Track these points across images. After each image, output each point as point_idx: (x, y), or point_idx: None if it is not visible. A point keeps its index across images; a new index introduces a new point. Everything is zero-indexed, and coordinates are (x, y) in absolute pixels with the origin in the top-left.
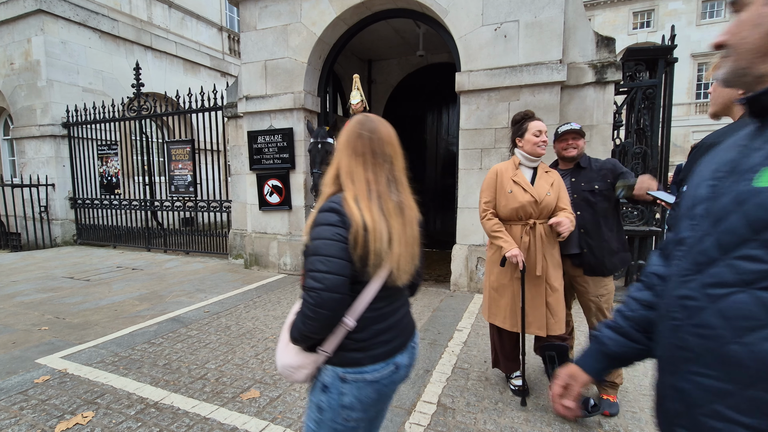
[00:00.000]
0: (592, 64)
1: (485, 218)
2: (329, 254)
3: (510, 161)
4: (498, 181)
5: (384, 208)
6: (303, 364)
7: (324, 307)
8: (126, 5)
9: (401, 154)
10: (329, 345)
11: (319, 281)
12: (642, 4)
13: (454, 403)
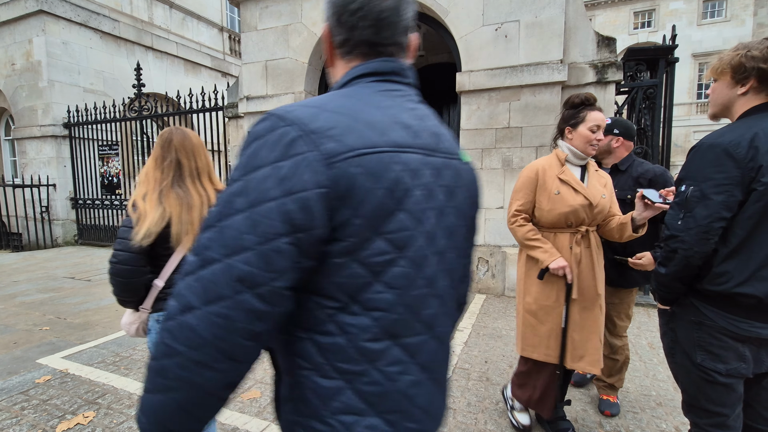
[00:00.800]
0: (593, 64)
1: (515, 224)
2: (121, 236)
3: (553, 156)
4: (539, 180)
5: (164, 199)
6: (132, 320)
7: (118, 275)
8: (127, 6)
9: (199, 156)
10: (147, 303)
11: (114, 257)
12: (643, 4)
13: (455, 403)
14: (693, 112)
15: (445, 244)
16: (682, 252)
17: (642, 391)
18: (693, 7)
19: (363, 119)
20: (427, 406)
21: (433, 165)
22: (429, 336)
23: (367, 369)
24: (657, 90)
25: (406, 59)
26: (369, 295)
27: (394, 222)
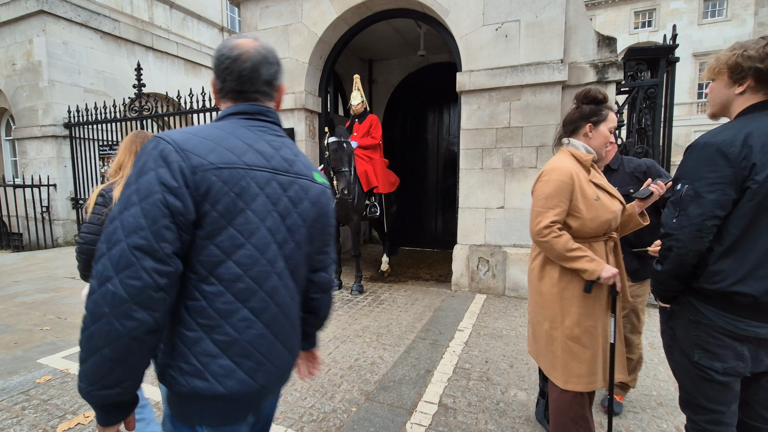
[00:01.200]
0: (594, 63)
1: (551, 236)
2: (89, 221)
3: (570, 157)
4: (576, 185)
5: None
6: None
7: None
8: (127, 6)
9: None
10: None
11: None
12: (643, 4)
13: (456, 403)
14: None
15: (285, 236)
16: (676, 250)
17: (643, 391)
18: (693, 7)
19: (224, 145)
20: (268, 354)
21: (281, 181)
22: (271, 302)
23: (221, 324)
24: (658, 90)
25: (271, 103)
26: (222, 269)
27: (242, 217)
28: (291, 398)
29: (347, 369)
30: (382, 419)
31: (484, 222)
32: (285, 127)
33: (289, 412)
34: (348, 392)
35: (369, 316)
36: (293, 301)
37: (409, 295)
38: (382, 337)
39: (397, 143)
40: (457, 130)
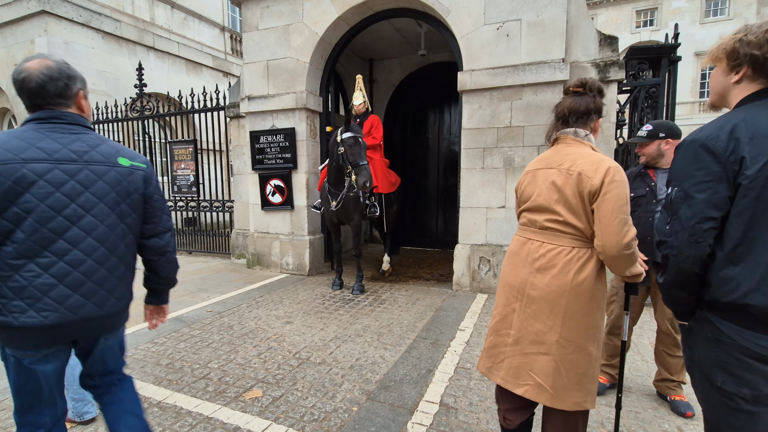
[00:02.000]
0: (595, 63)
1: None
2: None
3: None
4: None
5: None
6: None
7: None
8: (128, 6)
9: None
10: None
11: None
12: (645, 3)
13: (457, 402)
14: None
15: (79, 212)
16: (673, 258)
17: (644, 391)
18: (695, 6)
19: (5, 147)
20: (60, 300)
21: (64, 169)
22: (58, 259)
23: (12, 275)
24: (659, 89)
25: (70, 108)
26: (12, 235)
27: (22, 199)
28: (292, 398)
29: (348, 368)
30: (384, 419)
31: (486, 222)
32: (285, 126)
33: (291, 412)
34: (349, 392)
35: (370, 315)
36: (107, 259)
37: (410, 294)
38: (383, 337)
39: (397, 143)
40: (458, 130)
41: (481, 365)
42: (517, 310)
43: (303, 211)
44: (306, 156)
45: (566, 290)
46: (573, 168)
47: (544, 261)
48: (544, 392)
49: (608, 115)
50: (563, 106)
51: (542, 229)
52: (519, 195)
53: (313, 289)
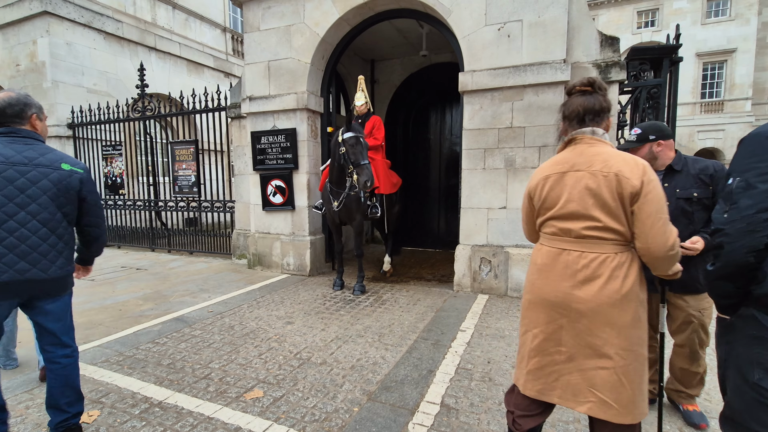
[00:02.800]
0: (596, 63)
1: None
2: None
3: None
4: None
5: None
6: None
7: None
8: (130, 6)
9: None
10: None
11: None
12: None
13: (458, 403)
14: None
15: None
16: (727, 246)
17: None
18: (697, 6)
19: None
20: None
21: (18, 170)
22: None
23: None
24: (661, 89)
25: (24, 126)
26: None
27: None
28: (293, 398)
29: (349, 369)
30: (384, 419)
31: (487, 222)
32: (287, 127)
33: (291, 412)
34: (350, 392)
35: (371, 316)
36: (48, 237)
37: (411, 295)
38: (384, 337)
39: (399, 143)
40: (459, 130)
41: (528, 388)
42: (565, 327)
43: (304, 212)
44: (307, 156)
45: (617, 299)
46: (607, 169)
47: (588, 272)
48: (609, 408)
49: None
50: (577, 105)
51: (579, 237)
52: (538, 202)
53: (314, 289)
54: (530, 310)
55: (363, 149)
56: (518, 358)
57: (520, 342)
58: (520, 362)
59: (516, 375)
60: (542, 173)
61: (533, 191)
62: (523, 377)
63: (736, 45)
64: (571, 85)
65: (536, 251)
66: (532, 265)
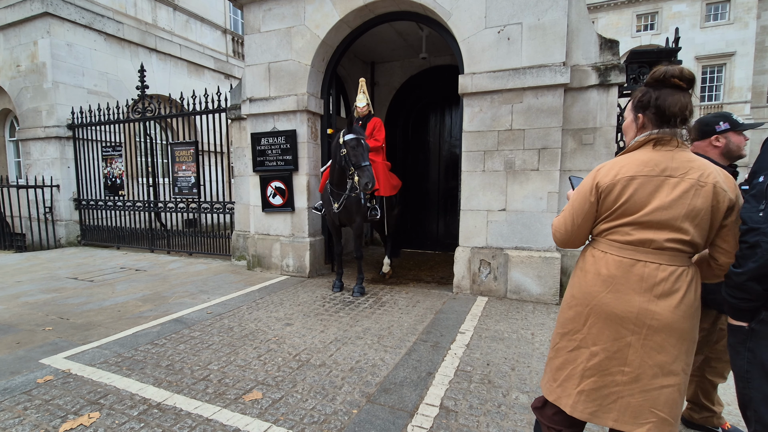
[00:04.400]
0: (596, 66)
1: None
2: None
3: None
4: None
5: None
6: None
7: None
8: (131, 8)
9: None
10: None
11: None
12: (646, 7)
13: (457, 405)
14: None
15: None
16: (765, 245)
17: None
18: (696, 10)
19: None
20: None
21: None
22: None
23: None
24: None
25: None
26: None
27: None
28: (292, 400)
29: (348, 371)
30: (383, 421)
31: (486, 224)
32: (287, 128)
33: (290, 414)
34: (349, 394)
35: (370, 318)
36: None
37: (411, 297)
38: (384, 339)
39: (398, 145)
40: (458, 133)
41: (578, 410)
42: (633, 344)
43: (304, 213)
44: (307, 158)
45: (692, 313)
46: (704, 179)
47: (667, 286)
48: (668, 425)
49: (609, 119)
50: (679, 103)
51: (660, 249)
52: (613, 203)
53: (313, 291)
54: (589, 326)
55: (364, 151)
56: (561, 375)
57: (566, 357)
58: (565, 380)
59: (556, 392)
60: (625, 172)
61: (607, 190)
62: (573, 397)
63: (734, 48)
64: (662, 72)
65: (596, 260)
66: (591, 274)
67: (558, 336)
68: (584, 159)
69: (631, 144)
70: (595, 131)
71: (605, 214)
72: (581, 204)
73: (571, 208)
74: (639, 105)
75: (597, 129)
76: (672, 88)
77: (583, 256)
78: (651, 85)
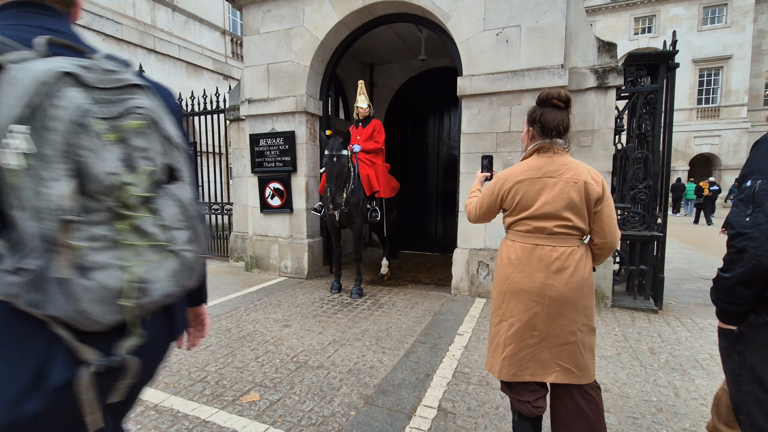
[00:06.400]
0: (594, 69)
1: None
2: None
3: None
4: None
5: None
6: None
7: None
8: (130, 9)
9: None
10: None
11: None
12: (643, 10)
13: (455, 407)
14: (693, 117)
15: None
16: (752, 250)
17: (642, 397)
18: (693, 13)
19: None
20: None
21: None
22: None
23: None
24: (657, 95)
25: None
26: None
27: None
28: (290, 401)
29: (346, 372)
30: (381, 423)
31: (484, 226)
32: (285, 130)
33: (288, 416)
34: (347, 396)
35: (368, 319)
36: None
37: (409, 298)
38: (382, 341)
39: (397, 147)
40: (457, 134)
41: (504, 373)
42: (539, 313)
43: (302, 214)
44: (306, 159)
45: (582, 284)
46: (576, 177)
47: (560, 263)
48: (570, 373)
49: (607, 121)
50: (557, 120)
51: (552, 234)
52: (511, 202)
53: (311, 292)
54: (506, 302)
55: (333, 168)
56: (491, 347)
57: (493, 332)
58: (494, 351)
59: (489, 363)
60: (515, 177)
61: (506, 192)
62: (498, 364)
63: (731, 52)
64: (545, 94)
65: (507, 247)
66: (504, 260)
67: (491, 316)
68: (582, 161)
69: (526, 152)
70: (593, 133)
71: (508, 210)
72: (488, 200)
73: (480, 199)
74: (530, 120)
75: (595, 131)
76: (552, 107)
77: (500, 248)
78: (538, 104)
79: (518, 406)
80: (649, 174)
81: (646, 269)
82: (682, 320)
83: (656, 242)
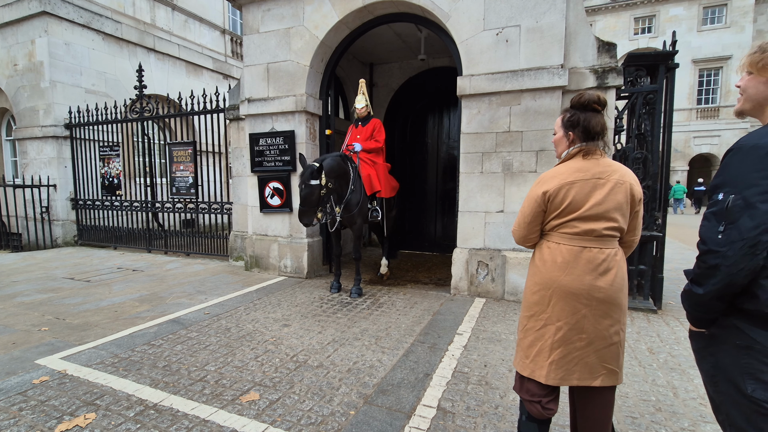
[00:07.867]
0: (593, 69)
1: None
2: None
3: None
4: None
5: None
6: None
7: None
8: (129, 7)
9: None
10: None
11: None
12: (643, 10)
13: (454, 407)
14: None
15: None
16: (725, 269)
17: (641, 396)
18: (693, 14)
19: None
20: None
21: None
22: None
23: None
24: (657, 95)
25: None
26: None
27: None
28: (289, 401)
29: (346, 372)
30: (381, 423)
31: (484, 226)
32: (285, 129)
33: (287, 415)
34: (346, 395)
35: (368, 319)
36: None
37: (408, 298)
38: (381, 341)
39: (397, 147)
40: (457, 134)
41: (551, 378)
42: (587, 315)
43: None
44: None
45: (623, 284)
46: (623, 179)
47: (606, 265)
48: (614, 375)
49: (607, 121)
50: (599, 124)
51: (599, 236)
52: (560, 204)
53: (311, 291)
54: (552, 305)
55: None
56: (533, 351)
57: (535, 336)
58: (537, 355)
59: (530, 367)
60: (564, 179)
61: (554, 195)
62: (545, 368)
63: (731, 52)
64: (586, 98)
65: (551, 250)
66: (549, 263)
67: (525, 319)
68: None
69: (564, 155)
70: None
71: (554, 213)
72: (531, 208)
73: (521, 211)
74: (569, 124)
75: None
76: (593, 111)
77: (539, 250)
78: (577, 108)
79: (528, 406)
80: (648, 174)
81: (645, 269)
82: (681, 320)
83: (655, 242)
